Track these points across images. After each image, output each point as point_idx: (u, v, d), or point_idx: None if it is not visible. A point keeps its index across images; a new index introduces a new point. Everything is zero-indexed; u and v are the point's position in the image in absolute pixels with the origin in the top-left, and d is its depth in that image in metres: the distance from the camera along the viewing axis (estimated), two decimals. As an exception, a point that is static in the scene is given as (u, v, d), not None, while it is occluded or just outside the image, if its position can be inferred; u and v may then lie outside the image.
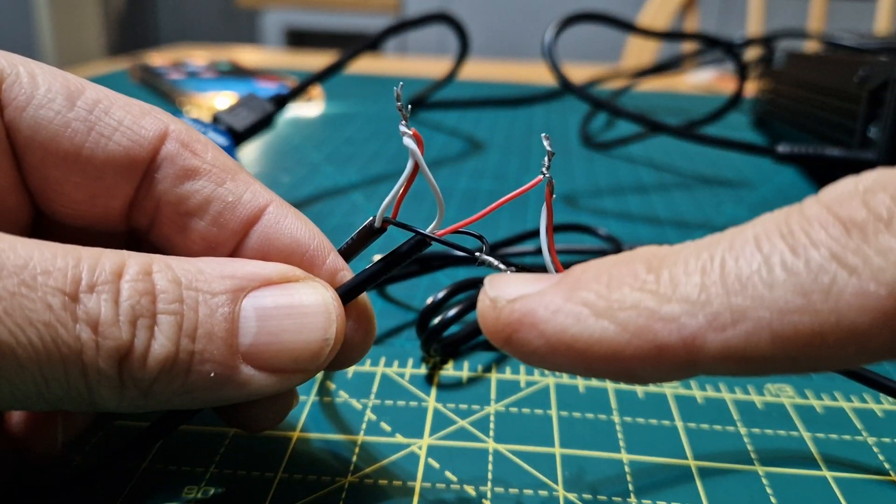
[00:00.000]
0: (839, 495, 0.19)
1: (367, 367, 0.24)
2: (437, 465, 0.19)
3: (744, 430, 0.21)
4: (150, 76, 0.67)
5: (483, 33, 1.97)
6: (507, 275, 0.14)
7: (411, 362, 0.24)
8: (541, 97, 0.65)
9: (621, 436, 0.21)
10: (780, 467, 0.20)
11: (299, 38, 2.27)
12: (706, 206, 0.43)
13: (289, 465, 0.19)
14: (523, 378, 0.24)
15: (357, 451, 0.20)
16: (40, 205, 0.17)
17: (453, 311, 0.24)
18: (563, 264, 0.15)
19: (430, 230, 0.16)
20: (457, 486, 0.19)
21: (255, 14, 2.42)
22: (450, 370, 0.24)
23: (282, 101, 0.41)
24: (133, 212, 0.18)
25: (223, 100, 0.58)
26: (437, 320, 0.24)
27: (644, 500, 0.18)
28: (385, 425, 0.21)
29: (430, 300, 0.24)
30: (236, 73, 0.70)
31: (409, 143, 0.15)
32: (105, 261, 0.14)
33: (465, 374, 0.24)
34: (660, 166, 0.51)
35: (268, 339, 0.15)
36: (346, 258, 0.18)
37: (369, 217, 0.17)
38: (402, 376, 0.24)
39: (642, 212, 0.41)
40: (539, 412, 0.22)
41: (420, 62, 1.04)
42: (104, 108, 0.17)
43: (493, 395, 0.23)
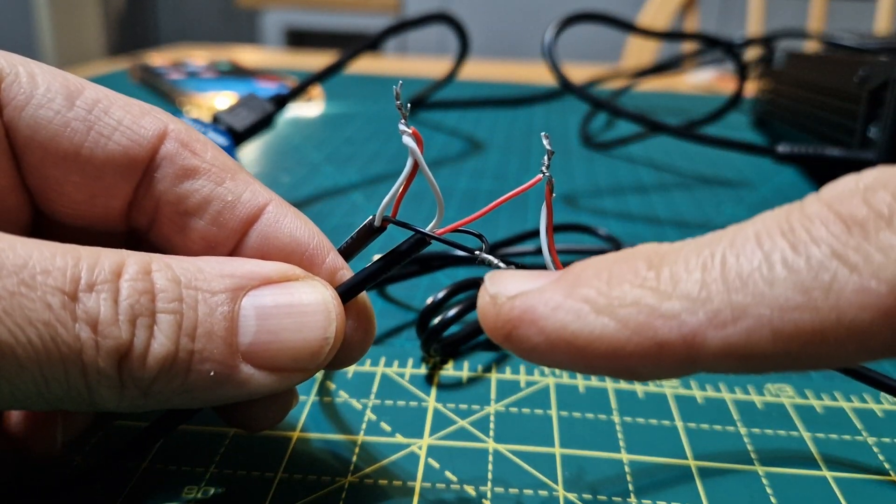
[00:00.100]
0: (839, 495, 0.19)
1: (367, 367, 0.24)
2: (437, 465, 0.19)
3: (744, 430, 0.21)
4: (150, 76, 0.67)
5: (483, 33, 1.97)
6: (507, 271, 0.14)
7: (411, 362, 0.24)
8: (541, 97, 0.65)
9: (621, 436, 0.21)
10: (780, 467, 0.20)
11: (299, 38, 2.27)
12: (706, 206, 0.43)
13: (289, 465, 0.19)
14: (523, 378, 0.24)
15: (357, 451, 0.20)
16: (40, 205, 0.17)
17: (453, 311, 0.24)
18: (563, 264, 0.15)
19: (429, 229, 0.16)
20: (457, 486, 0.19)
21: (255, 14, 2.42)
22: (450, 370, 0.24)
23: (282, 101, 0.41)
24: (132, 211, 0.18)
25: (223, 100, 0.58)
26: (437, 320, 0.24)
27: (644, 500, 0.18)
28: (385, 425, 0.21)
29: (430, 300, 0.24)
30: (236, 73, 0.70)
31: (408, 141, 0.15)
32: (104, 260, 0.14)
33: (465, 374, 0.24)
34: (660, 166, 0.51)
35: (267, 338, 0.15)
36: (345, 257, 0.18)
37: (369, 217, 0.17)
38: (402, 376, 0.24)
39: (642, 212, 0.41)
40: (539, 412, 0.22)
41: (420, 62, 1.04)
42: (103, 107, 0.17)
43: (493, 395, 0.23)
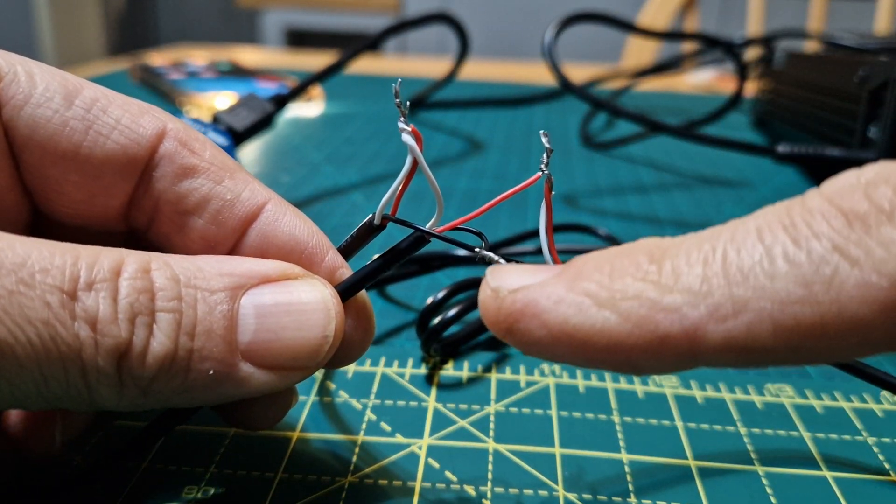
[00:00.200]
0: (839, 495, 0.19)
1: (367, 367, 0.24)
2: (437, 465, 0.19)
3: (744, 430, 0.21)
4: (150, 76, 0.67)
5: (483, 33, 1.97)
6: (509, 266, 0.14)
7: (411, 362, 0.24)
8: (541, 97, 0.65)
9: (621, 436, 0.21)
10: (780, 467, 0.20)
11: (299, 38, 2.27)
12: (706, 206, 0.43)
13: (289, 465, 0.19)
14: (523, 378, 0.24)
15: (357, 451, 0.20)
16: (39, 204, 0.17)
17: (453, 311, 0.24)
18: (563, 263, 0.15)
19: (429, 227, 0.16)
20: (457, 486, 0.19)
21: (255, 14, 2.42)
22: (450, 370, 0.24)
23: (282, 101, 0.41)
24: (132, 210, 0.18)
25: (223, 100, 0.58)
26: (437, 320, 0.24)
27: (644, 500, 0.18)
28: (385, 425, 0.21)
29: (430, 300, 0.24)
30: (236, 73, 0.70)
31: (407, 139, 0.15)
32: (103, 259, 0.14)
33: (465, 374, 0.24)
34: (660, 166, 0.51)
35: (267, 337, 0.15)
36: (345, 256, 0.18)
37: (369, 215, 0.17)
38: (402, 376, 0.23)
39: (642, 212, 0.41)
40: (539, 412, 0.22)
41: (420, 62, 1.04)
42: (102, 106, 0.17)
43: (493, 395, 0.23)
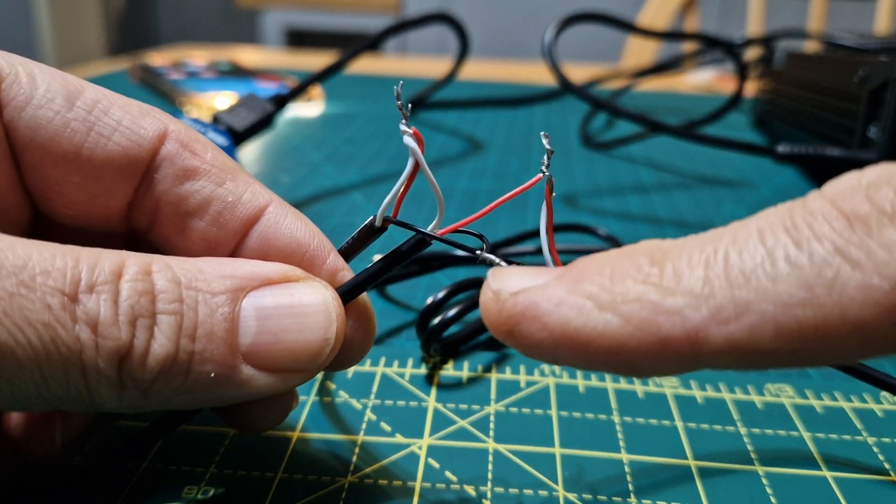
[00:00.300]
0: (839, 495, 0.19)
1: (367, 367, 0.24)
2: (437, 465, 0.19)
3: (744, 430, 0.21)
4: (150, 76, 0.67)
5: (483, 33, 1.97)
6: (510, 268, 0.14)
7: (411, 362, 0.24)
8: (541, 97, 0.65)
9: (621, 436, 0.21)
10: (780, 467, 0.20)
11: (299, 38, 2.27)
12: (706, 206, 0.43)
13: (289, 465, 0.19)
14: (523, 378, 0.24)
15: (357, 451, 0.20)
16: (39, 205, 0.17)
17: (453, 311, 0.24)
18: (564, 264, 0.15)
19: (430, 229, 0.16)
20: (457, 486, 0.19)
21: (255, 14, 2.42)
22: (450, 370, 0.24)
23: (282, 101, 0.41)
24: (133, 212, 0.18)
25: (223, 100, 0.58)
26: (437, 320, 0.24)
27: (644, 500, 0.18)
28: (385, 425, 0.21)
29: (430, 300, 0.24)
30: (236, 73, 0.70)
31: (409, 141, 0.15)
32: (104, 261, 0.14)
33: (465, 374, 0.24)
34: (660, 166, 0.51)
35: (268, 339, 0.15)
36: (346, 258, 0.18)
37: (369, 217, 0.17)
38: (402, 376, 0.24)
39: (642, 212, 0.41)
40: (539, 412, 0.22)
41: (420, 62, 1.04)
42: (103, 108, 0.17)
43: (493, 395, 0.23)
